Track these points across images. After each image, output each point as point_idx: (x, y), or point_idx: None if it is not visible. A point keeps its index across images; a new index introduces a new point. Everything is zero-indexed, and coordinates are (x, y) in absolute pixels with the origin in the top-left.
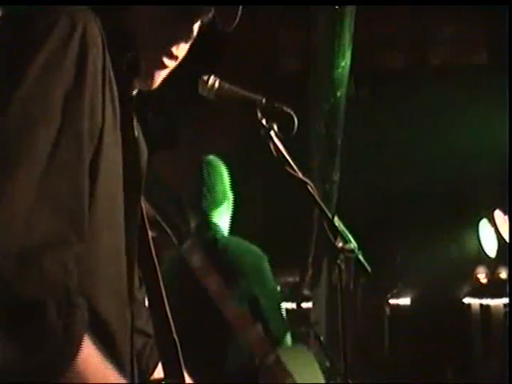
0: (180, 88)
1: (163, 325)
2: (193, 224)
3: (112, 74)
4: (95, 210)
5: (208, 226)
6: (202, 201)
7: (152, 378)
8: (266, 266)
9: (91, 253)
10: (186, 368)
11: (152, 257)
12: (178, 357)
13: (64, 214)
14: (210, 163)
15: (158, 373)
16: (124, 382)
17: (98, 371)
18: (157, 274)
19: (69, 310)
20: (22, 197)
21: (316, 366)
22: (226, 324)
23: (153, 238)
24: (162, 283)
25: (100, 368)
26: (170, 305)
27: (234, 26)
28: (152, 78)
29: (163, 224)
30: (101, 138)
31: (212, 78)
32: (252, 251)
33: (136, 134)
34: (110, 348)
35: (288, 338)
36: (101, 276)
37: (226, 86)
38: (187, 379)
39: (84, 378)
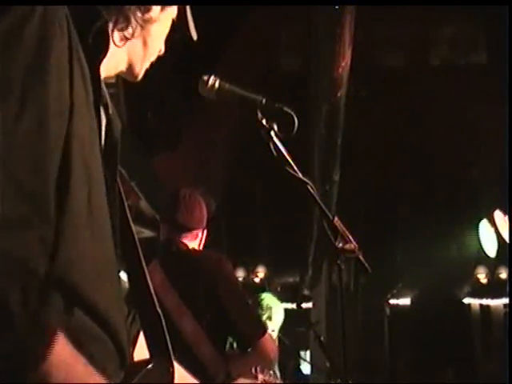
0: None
1: (145, 299)
2: (163, 236)
3: (81, 50)
4: (74, 191)
5: (174, 242)
6: (177, 215)
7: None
8: (229, 268)
9: (73, 235)
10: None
11: (130, 228)
12: (163, 331)
13: (24, 194)
14: (192, 192)
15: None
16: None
17: (67, 365)
18: (136, 244)
19: (40, 299)
20: None
21: None
22: (185, 340)
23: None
24: (142, 255)
25: (69, 361)
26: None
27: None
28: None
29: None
30: (71, 115)
31: (212, 77)
32: (211, 257)
33: (110, 111)
34: (108, 334)
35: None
36: (87, 260)
37: (226, 85)
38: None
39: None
